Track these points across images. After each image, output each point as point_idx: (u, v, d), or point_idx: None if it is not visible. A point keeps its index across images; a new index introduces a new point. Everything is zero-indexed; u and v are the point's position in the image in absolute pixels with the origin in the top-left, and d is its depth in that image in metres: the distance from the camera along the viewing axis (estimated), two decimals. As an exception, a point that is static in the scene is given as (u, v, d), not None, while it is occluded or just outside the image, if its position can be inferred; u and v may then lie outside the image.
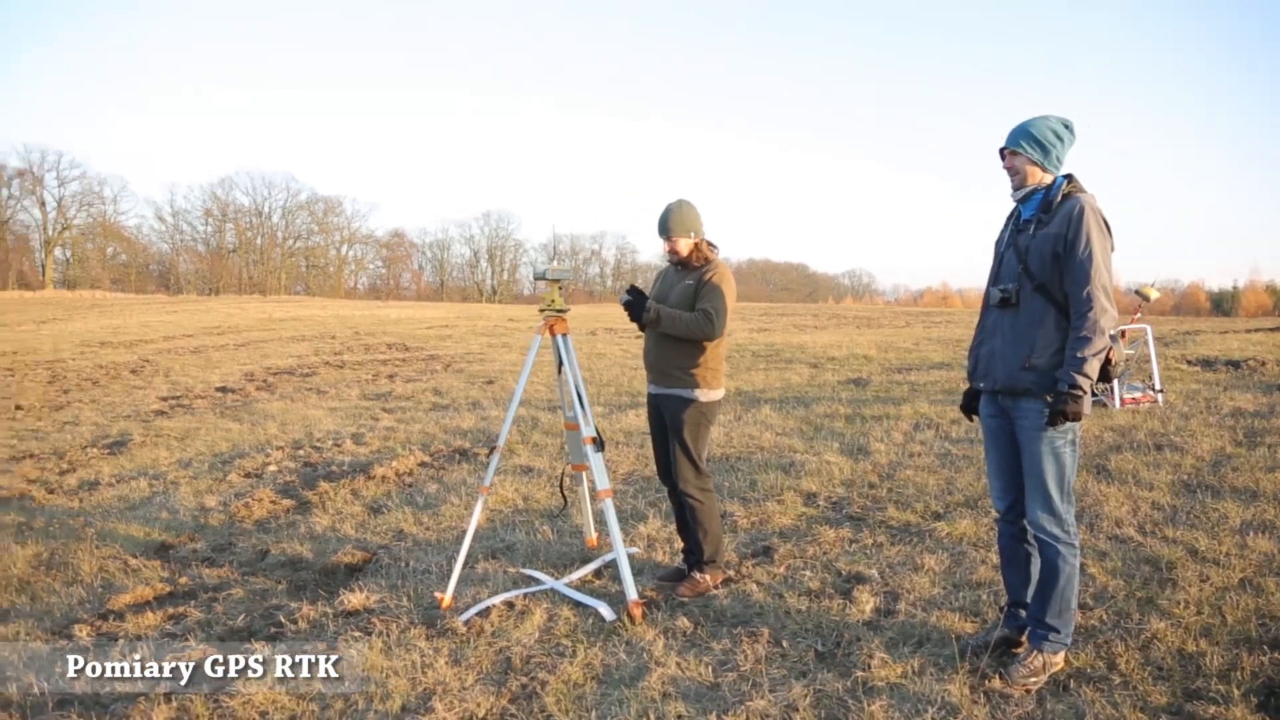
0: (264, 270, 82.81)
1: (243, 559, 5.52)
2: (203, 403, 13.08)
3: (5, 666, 4.17)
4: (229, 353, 20.66)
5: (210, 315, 37.38)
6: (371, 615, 4.33)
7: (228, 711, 3.52)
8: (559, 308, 4.64)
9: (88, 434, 11.23)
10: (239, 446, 9.10)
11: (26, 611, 4.97)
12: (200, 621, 4.51)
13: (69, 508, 7.41)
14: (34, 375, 20.28)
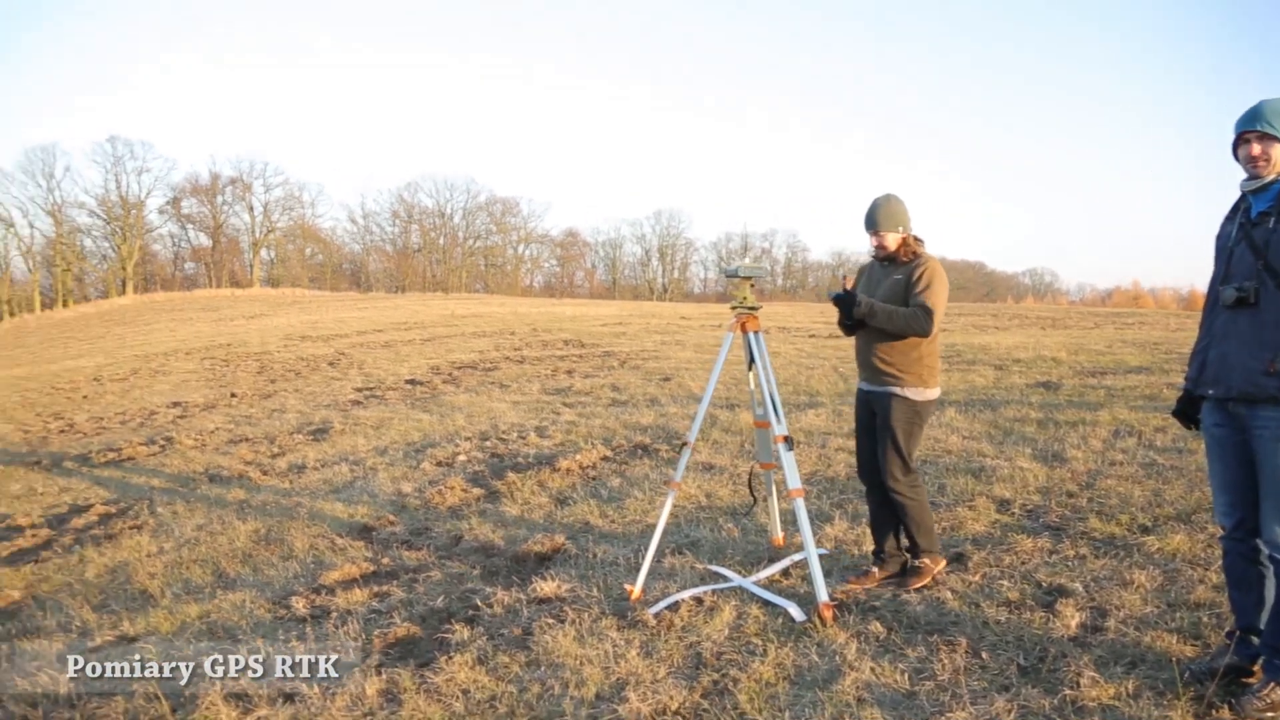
0: (446, 269, 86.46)
1: (439, 543, 5.77)
2: (394, 394, 13.77)
3: (236, 631, 4.52)
4: (416, 347, 21.67)
5: (398, 312, 39.33)
6: (563, 604, 4.44)
7: (432, 686, 3.68)
8: (751, 305, 4.62)
9: (293, 421, 12.01)
10: (429, 436, 9.52)
11: (250, 582, 5.36)
12: (403, 600, 4.74)
13: (281, 488, 7.96)
14: (245, 366, 21.89)
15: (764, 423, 4.74)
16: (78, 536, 7.43)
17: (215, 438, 11.45)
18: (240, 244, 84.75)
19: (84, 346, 40.00)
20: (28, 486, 9.91)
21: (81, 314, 66.28)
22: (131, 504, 8.27)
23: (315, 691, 3.73)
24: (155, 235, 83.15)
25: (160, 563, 6.03)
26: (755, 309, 4.65)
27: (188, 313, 53.99)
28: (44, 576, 6.34)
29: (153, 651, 4.42)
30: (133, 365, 26.18)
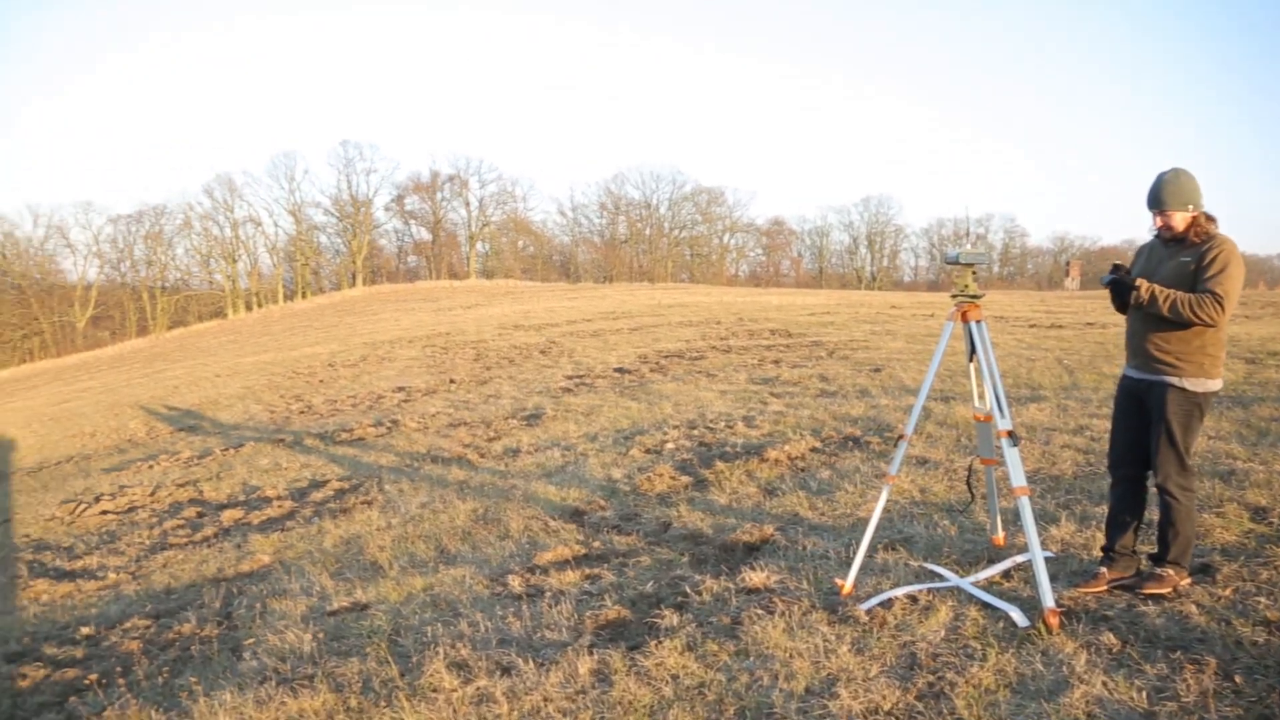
0: (652, 259, 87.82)
1: (648, 529, 5.84)
2: (603, 382, 14.09)
3: (457, 605, 4.74)
4: (624, 336, 22.10)
5: (606, 301, 40.27)
6: (772, 595, 4.39)
7: (642, 670, 3.73)
8: (972, 293, 4.40)
9: (508, 406, 12.51)
10: (638, 424, 9.67)
11: (469, 558, 5.61)
12: (613, 584, 4.83)
13: (497, 470, 8.30)
14: (463, 354, 23.00)
15: (985, 416, 4.52)
16: (317, 509, 8.03)
17: (436, 421, 12.09)
18: (458, 238, 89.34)
19: (320, 335, 43.28)
20: (274, 462, 10.80)
21: (318, 305, 71.77)
22: (363, 481, 8.86)
23: (530, 666, 3.85)
24: (381, 231, 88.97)
25: (388, 537, 6.42)
26: (977, 297, 4.42)
27: (410, 303, 57.40)
28: (289, 544, 6.89)
29: (383, 618, 4.71)
30: (362, 352, 28.08)
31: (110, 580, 6.85)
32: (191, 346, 56.44)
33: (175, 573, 6.66)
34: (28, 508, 10.87)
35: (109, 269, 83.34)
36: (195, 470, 11.31)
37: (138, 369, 46.20)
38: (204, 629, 5.10)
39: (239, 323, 71.10)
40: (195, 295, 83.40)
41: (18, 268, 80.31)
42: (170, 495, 9.89)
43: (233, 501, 9.02)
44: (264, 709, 3.82)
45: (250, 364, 31.99)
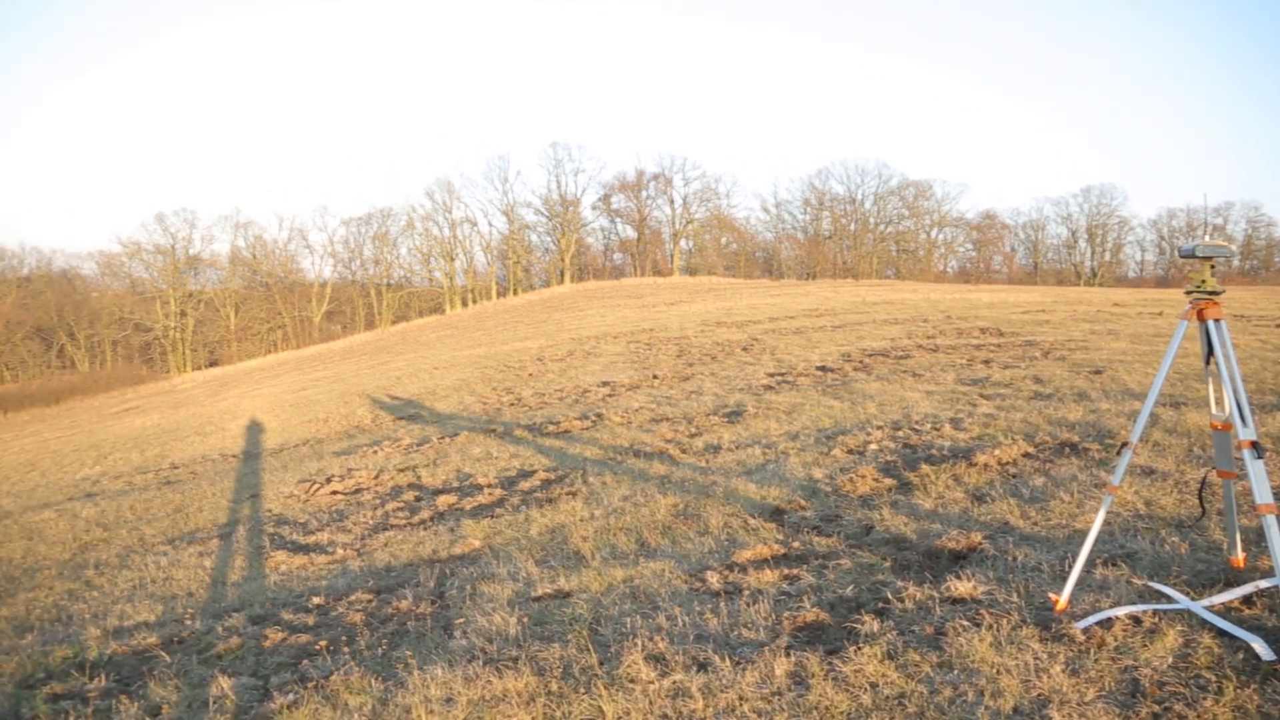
0: (857, 255, 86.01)
1: (849, 531, 5.73)
2: (805, 380, 13.93)
3: (656, 598, 4.81)
4: (826, 334, 21.76)
5: (808, 298, 39.79)
6: (979, 606, 4.20)
7: (840, 675, 3.66)
8: (1210, 289, 4.04)
9: (709, 403, 12.58)
10: (840, 423, 9.49)
11: (669, 553, 5.68)
12: (812, 586, 4.76)
13: (698, 466, 8.37)
14: (665, 350, 23.30)
15: (1224, 425, 4.15)
16: (524, 498, 8.36)
17: (639, 416, 12.31)
18: (662, 235, 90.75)
19: (529, 330, 44.96)
20: (486, 451, 11.32)
21: (528, 301, 74.65)
22: (568, 472, 9.14)
23: (727, 664, 3.86)
24: (589, 229, 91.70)
25: (591, 528, 6.59)
26: (1216, 293, 4.06)
27: (615, 299, 58.73)
28: (498, 530, 7.21)
29: (584, 607, 4.84)
30: (569, 347, 28.96)
31: (338, 556, 7.38)
32: (413, 340, 60.03)
33: (395, 552, 7.10)
34: (271, 485, 11.88)
35: (341, 268, 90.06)
36: (414, 456, 12.01)
37: (365, 360, 49.58)
38: (419, 606, 5.41)
39: (455, 318, 75.03)
40: (416, 292, 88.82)
41: (265, 267, 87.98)
42: (392, 479, 10.55)
43: (447, 487, 9.52)
44: (471, 686, 4.01)
45: (465, 357, 33.65)
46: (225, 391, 50.31)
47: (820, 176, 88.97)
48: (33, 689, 5.08)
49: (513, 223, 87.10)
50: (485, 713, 3.78)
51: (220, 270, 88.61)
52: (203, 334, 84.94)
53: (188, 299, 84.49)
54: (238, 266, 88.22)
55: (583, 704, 3.70)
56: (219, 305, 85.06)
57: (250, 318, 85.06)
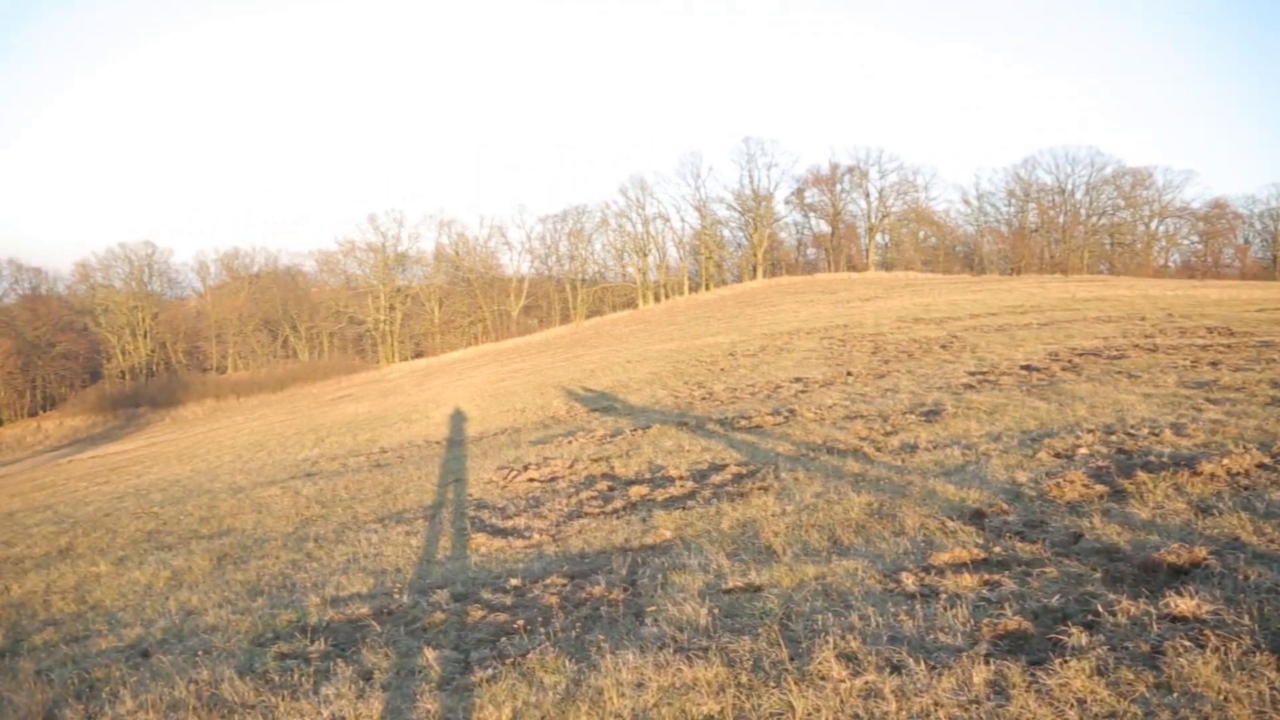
0: (1065, 249, 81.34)
1: (1055, 539, 5.43)
2: (1008, 379, 13.31)
3: (849, 597, 4.73)
4: (1032, 331, 20.71)
5: (1012, 294, 37.97)
6: (1204, 626, 3.89)
7: (1044, 688, 3.48)
8: None
9: (905, 401, 12.23)
10: (1047, 426, 9.02)
11: (862, 551, 5.57)
12: (1014, 593, 4.54)
13: (893, 465, 8.15)
14: (860, 346, 22.83)
15: None
16: (715, 491, 8.39)
17: (832, 413, 12.11)
18: (857, 229, 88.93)
19: (721, 325, 45.05)
20: (678, 444, 11.44)
21: (720, 296, 74.83)
22: (759, 467, 9.10)
23: (922, 668, 3.75)
24: (781, 224, 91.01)
25: (783, 523, 6.54)
26: None
27: (808, 295, 58.01)
28: (689, 522, 7.27)
29: (774, 602, 4.82)
30: (761, 343, 28.84)
31: (534, 540, 7.64)
32: (606, 334, 61.39)
33: (588, 539, 7.28)
34: (472, 471, 12.45)
35: (538, 263, 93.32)
36: (608, 447, 12.28)
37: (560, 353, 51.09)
38: (612, 593, 5.53)
39: (648, 313, 76.19)
40: (610, 287, 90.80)
41: (467, 263, 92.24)
42: (586, 469, 10.83)
43: (639, 478, 9.68)
44: (662, 672, 4.07)
45: (658, 351, 34.09)
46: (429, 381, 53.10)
47: (1026, 166, 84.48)
48: (263, 647, 5.54)
49: (705, 218, 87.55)
50: (675, 699, 3.83)
51: (425, 266, 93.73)
52: (409, 327, 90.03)
53: (396, 294, 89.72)
54: (441, 263, 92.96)
55: (772, 698, 3.69)
56: (424, 300, 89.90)
57: (453, 311, 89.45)
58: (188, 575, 8.58)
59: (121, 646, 6.25)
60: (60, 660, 6.14)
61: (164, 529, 12.05)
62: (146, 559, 9.80)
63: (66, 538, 12.64)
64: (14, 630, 7.53)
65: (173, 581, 8.43)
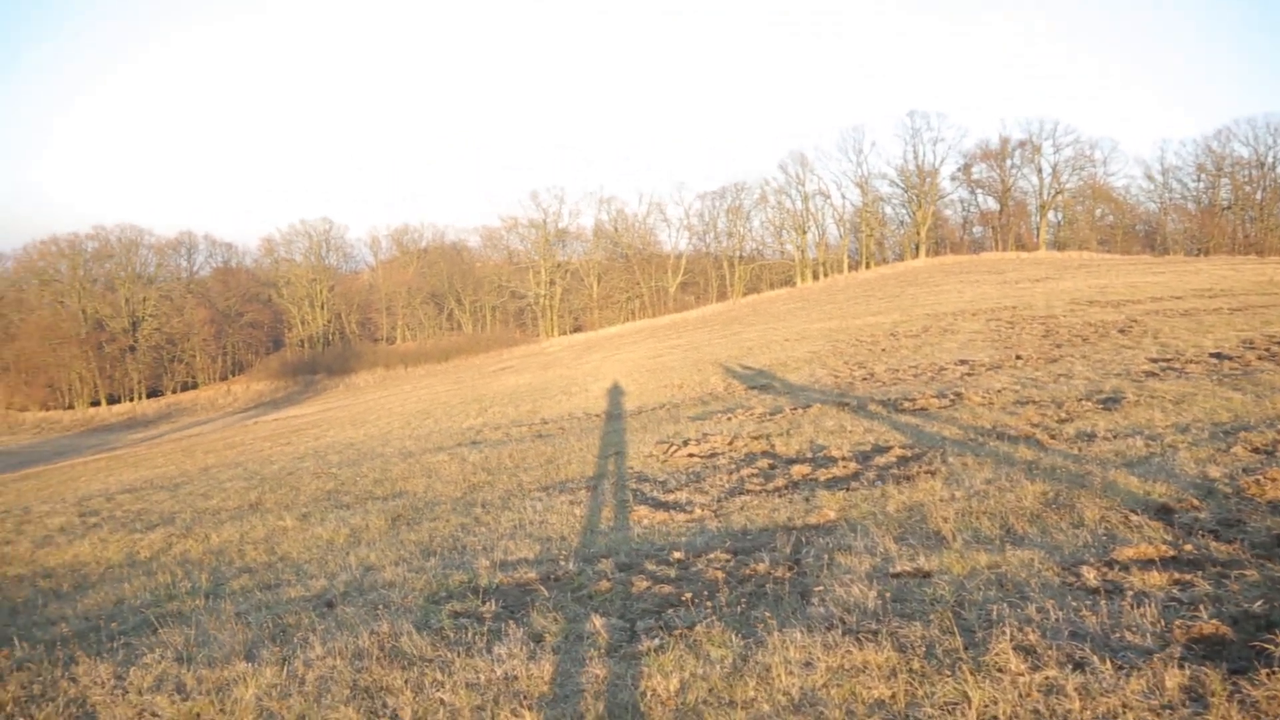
0: (1262, 228, 75.40)
1: (1255, 539, 5.07)
2: (1195, 368, 12.49)
3: (1024, 588, 4.56)
4: (1222, 317, 19.34)
5: (1199, 276, 35.53)
6: None
7: (1249, 700, 3.27)
8: None
9: (1080, 387, 11.66)
10: (1242, 418, 8.43)
11: (1037, 542, 5.35)
12: (1209, 595, 4.27)
13: (1069, 454, 7.79)
14: (1029, 329, 21.90)
15: None
16: (879, 473, 8.23)
17: (1001, 397, 11.67)
18: (1027, 206, 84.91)
19: (882, 304, 44.05)
20: (839, 424, 11.27)
21: (880, 275, 73.09)
22: (925, 450, 8.87)
23: (1108, 667, 3.58)
24: (946, 201, 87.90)
25: (952, 509, 6.36)
26: None
27: (974, 275, 55.91)
28: (852, 504, 7.16)
29: (946, 588, 4.69)
30: (924, 323, 28.04)
31: (696, 515, 7.70)
32: (763, 312, 61.02)
33: (750, 516, 7.27)
34: (632, 444, 12.62)
35: (696, 240, 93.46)
36: (767, 425, 12.22)
37: (717, 330, 51.13)
38: (776, 570, 5.51)
39: (806, 291, 75.25)
40: (767, 264, 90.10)
41: (626, 240, 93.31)
42: (745, 446, 10.81)
43: (800, 458, 9.59)
44: (830, 653, 4.04)
45: (816, 330, 33.67)
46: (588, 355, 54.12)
47: (1219, 138, 78.40)
48: (438, 604, 5.79)
49: (866, 195, 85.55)
50: (844, 681, 3.79)
51: (585, 242, 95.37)
52: (568, 301, 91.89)
53: (556, 269, 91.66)
54: (600, 239, 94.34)
55: (946, 686, 3.60)
56: (583, 275, 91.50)
57: (611, 287, 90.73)
58: (365, 533, 9.06)
59: (308, 596, 6.66)
60: (255, 605, 6.60)
61: (341, 489, 12.76)
62: (327, 516, 10.41)
63: (256, 493, 13.56)
64: (215, 574, 8.15)
65: (352, 539, 8.92)
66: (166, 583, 8.00)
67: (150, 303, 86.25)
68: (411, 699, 4.25)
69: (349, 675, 4.65)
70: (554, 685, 4.23)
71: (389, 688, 4.43)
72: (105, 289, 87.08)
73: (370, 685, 4.50)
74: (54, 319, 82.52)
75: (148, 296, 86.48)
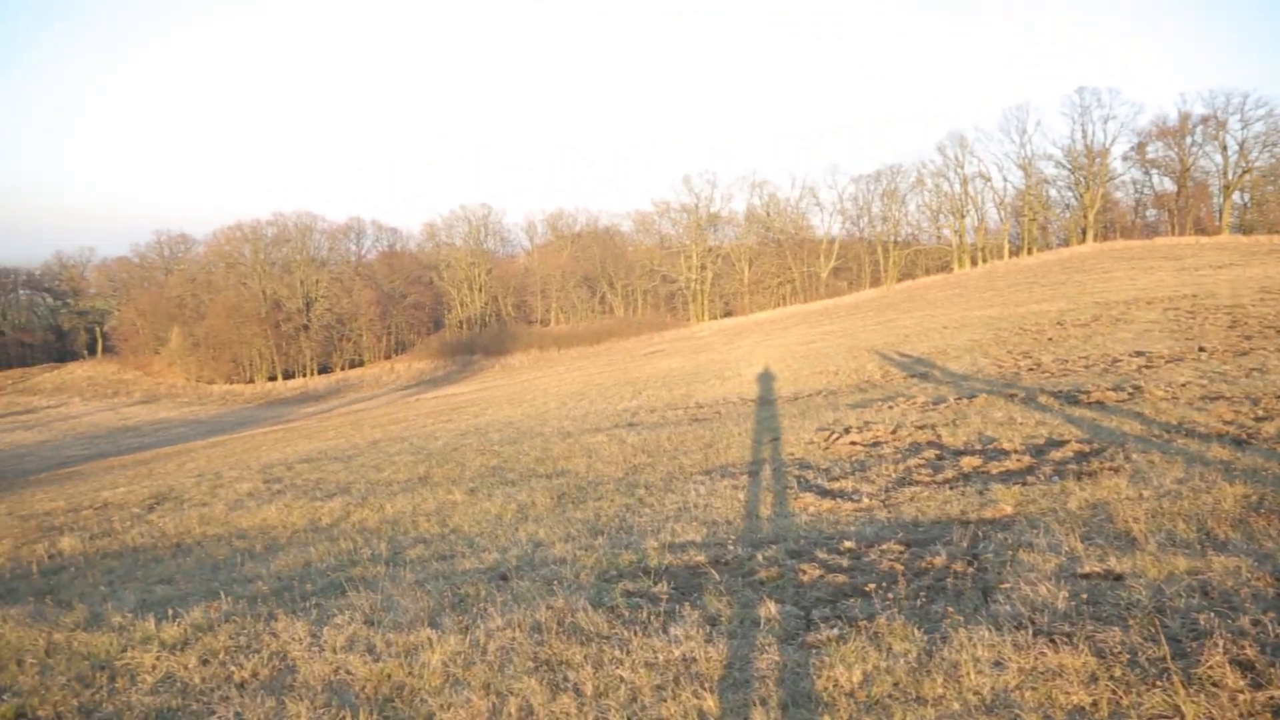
0: None
1: None
2: None
3: (1233, 598, 4.28)
4: None
5: None
6: None
7: None
8: None
9: (1278, 383, 10.85)
10: None
11: (1242, 549, 5.01)
12: None
13: (1273, 454, 7.26)
14: (1213, 319, 20.55)
15: None
16: (1056, 468, 7.89)
17: (1186, 392, 10.99)
18: (1209, 188, 79.32)
19: (1046, 291, 42.16)
20: (1008, 415, 10.86)
21: (1043, 260, 69.94)
22: (1104, 446, 8.45)
23: (1339, 686, 3.33)
24: (1117, 183, 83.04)
25: (1141, 509, 6.03)
26: None
27: (1147, 261, 52.81)
28: (1029, 499, 6.89)
29: (1142, 593, 4.45)
30: (1093, 312, 26.68)
31: (864, 505, 7.57)
32: (919, 298, 59.42)
33: (921, 507, 7.10)
34: (789, 430, 12.52)
35: (849, 224, 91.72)
36: (931, 415, 11.90)
37: (871, 317, 50.10)
38: (954, 564, 5.36)
39: (964, 277, 72.79)
40: (923, 250, 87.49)
41: (778, 224, 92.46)
42: (910, 436, 10.55)
43: (969, 449, 9.30)
44: (1022, 654, 3.90)
45: (976, 318, 32.55)
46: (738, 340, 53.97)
47: None
48: (609, 583, 5.90)
49: (1029, 176, 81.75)
50: (1039, 684, 3.65)
51: (736, 227, 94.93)
52: (719, 286, 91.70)
53: (707, 253, 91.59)
54: (752, 223, 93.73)
55: (1155, 697, 3.42)
56: (734, 260, 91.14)
57: (762, 272, 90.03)
58: (532, 510, 9.31)
59: (481, 568, 6.90)
60: (432, 574, 6.88)
61: (505, 466, 13.15)
62: (494, 492, 10.75)
63: (423, 467, 14.12)
64: (392, 543, 8.54)
65: (519, 514, 9.18)
66: (349, 549, 8.43)
67: (322, 284, 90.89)
68: (592, 674, 4.34)
69: (529, 647, 4.79)
70: (731, 669, 4.25)
71: (569, 662, 4.54)
72: (282, 271, 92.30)
73: (550, 659, 4.62)
74: (238, 299, 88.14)
75: (320, 278, 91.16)
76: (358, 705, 4.39)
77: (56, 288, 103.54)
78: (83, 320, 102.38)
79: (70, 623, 6.63)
